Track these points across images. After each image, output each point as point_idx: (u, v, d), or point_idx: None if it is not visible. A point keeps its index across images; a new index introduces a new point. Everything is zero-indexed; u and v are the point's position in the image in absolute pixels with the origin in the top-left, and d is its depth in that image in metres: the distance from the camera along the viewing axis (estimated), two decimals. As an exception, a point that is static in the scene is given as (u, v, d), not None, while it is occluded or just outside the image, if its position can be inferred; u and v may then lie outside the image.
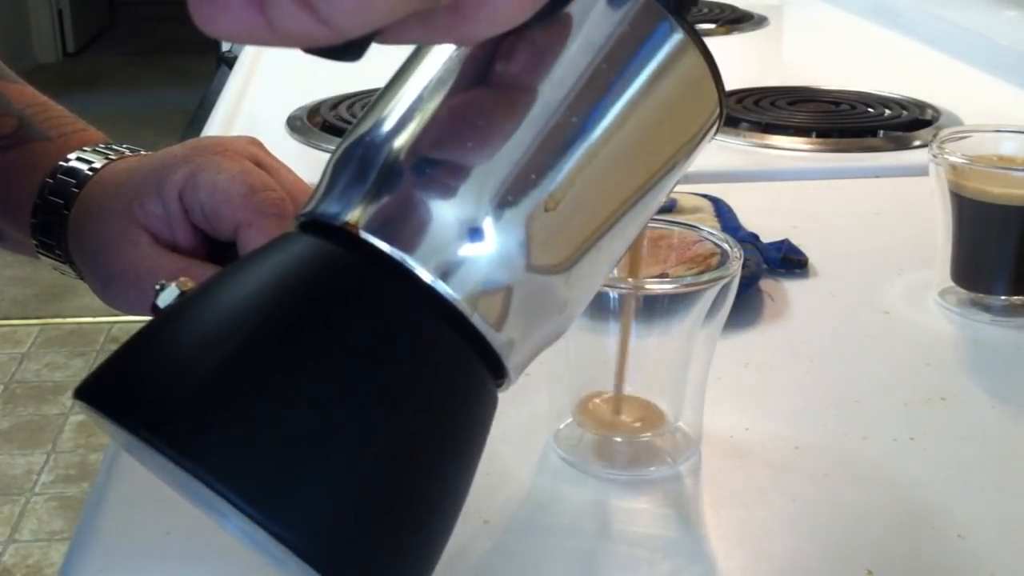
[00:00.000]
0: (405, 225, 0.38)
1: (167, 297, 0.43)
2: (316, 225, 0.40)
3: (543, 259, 0.40)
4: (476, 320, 0.39)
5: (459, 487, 0.40)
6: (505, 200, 0.39)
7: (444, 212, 0.38)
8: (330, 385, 0.36)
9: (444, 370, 0.39)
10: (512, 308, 0.39)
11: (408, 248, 0.38)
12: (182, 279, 0.43)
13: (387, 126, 0.40)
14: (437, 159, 0.39)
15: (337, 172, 0.41)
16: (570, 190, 0.39)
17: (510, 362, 0.40)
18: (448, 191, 0.38)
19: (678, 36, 0.41)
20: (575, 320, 0.43)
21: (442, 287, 0.38)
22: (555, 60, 0.40)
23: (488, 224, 0.38)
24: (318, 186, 0.42)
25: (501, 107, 0.39)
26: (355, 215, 0.39)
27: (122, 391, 0.37)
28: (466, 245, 0.38)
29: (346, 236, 0.39)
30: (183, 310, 0.40)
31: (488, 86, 0.40)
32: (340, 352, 0.37)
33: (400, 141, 0.40)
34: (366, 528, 0.36)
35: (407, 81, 0.41)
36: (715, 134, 0.45)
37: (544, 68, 0.39)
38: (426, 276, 0.38)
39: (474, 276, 0.38)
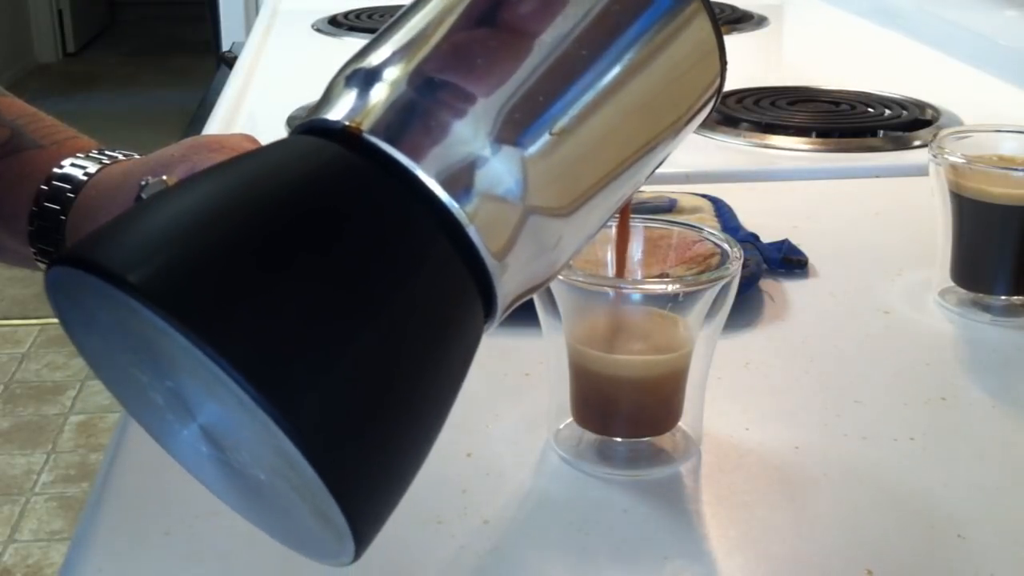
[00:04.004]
0: (410, 131, 0.38)
1: (152, 190, 0.41)
2: (314, 130, 0.39)
3: (543, 185, 0.40)
4: (472, 232, 0.38)
5: (443, 390, 0.39)
6: (511, 118, 0.39)
7: (450, 123, 0.38)
8: (324, 272, 0.35)
9: (436, 272, 0.38)
10: (508, 230, 0.39)
11: (411, 152, 0.38)
12: (167, 176, 0.41)
13: (396, 45, 0.40)
14: (446, 75, 0.39)
15: (341, 84, 0.40)
16: (574, 119, 0.40)
17: (500, 287, 0.40)
18: (455, 105, 0.39)
19: None
20: (565, 265, 0.43)
21: (442, 194, 0.38)
22: None
23: (493, 140, 0.39)
24: (319, 100, 0.41)
25: (512, 32, 0.40)
26: (358, 118, 0.39)
27: (107, 251, 0.35)
28: (469, 158, 0.38)
29: (346, 138, 0.38)
30: (172, 193, 0.38)
31: (500, 14, 0.40)
32: (336, 242, 0.36)
33: (409, 57, 0.40)
34: (349, 408, 0.35)
35: (417, 12, 0.42)
36: (716, 104, 0.45)
37: (556, 1, 0.40)
38: (427, 181, 0.38)
39: (475, 189, 0.38)
